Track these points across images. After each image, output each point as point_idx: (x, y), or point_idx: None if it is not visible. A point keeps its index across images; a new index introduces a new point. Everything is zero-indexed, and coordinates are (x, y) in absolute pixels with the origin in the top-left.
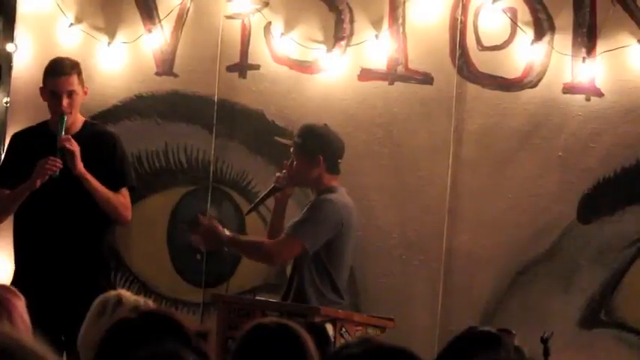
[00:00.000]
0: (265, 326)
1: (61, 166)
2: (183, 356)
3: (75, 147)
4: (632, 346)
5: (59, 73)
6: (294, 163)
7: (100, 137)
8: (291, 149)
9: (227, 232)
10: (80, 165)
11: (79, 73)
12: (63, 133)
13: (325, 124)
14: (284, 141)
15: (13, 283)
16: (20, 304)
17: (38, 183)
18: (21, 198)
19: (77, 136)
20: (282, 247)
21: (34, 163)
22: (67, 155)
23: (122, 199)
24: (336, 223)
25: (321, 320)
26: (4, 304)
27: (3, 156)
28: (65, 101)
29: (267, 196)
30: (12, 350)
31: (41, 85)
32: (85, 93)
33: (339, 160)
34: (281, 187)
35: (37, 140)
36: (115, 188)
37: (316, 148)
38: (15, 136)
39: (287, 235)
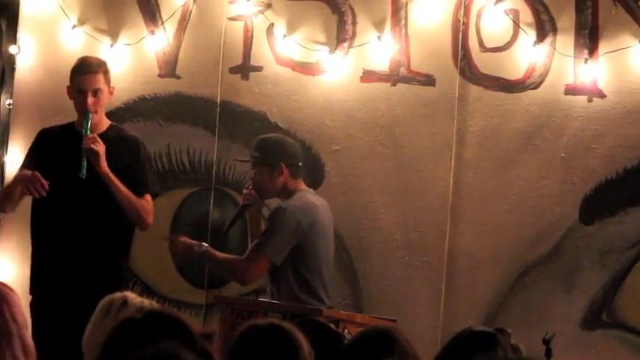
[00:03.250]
0: (259, 327)
1: (44, 193)
2: (182, 356)
3: (100, 146)
4: (635, 347)
5: (86, 71)
6: (258, 177)
7: (125, 142)
8: (251, 165)
9: (204, 245)
10: (104, 164)
11: (106, 72)
12: (88, 131)
13: (280, 133)
14: (242, 160)
15: (32, 283)
16: (18, 299)
17: (19, 191)
18: (11, 196)
19: (102, 137)
20: (249, 265)
21: (57, 161)
22: (90, 155)
23: (145, 203)
24: (295, 228)
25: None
26: (3, 298)
27: (27, 149)
28: (90, 99)
29: (238, 216)
30: None
31: (68, 84)
32: (111, 93)
33: (300, 164)
34: (250, 204)
35: (63, 139)
36: (138, 194)
37: (276, 156)
38: (41, 133)
39: (251, 252)
